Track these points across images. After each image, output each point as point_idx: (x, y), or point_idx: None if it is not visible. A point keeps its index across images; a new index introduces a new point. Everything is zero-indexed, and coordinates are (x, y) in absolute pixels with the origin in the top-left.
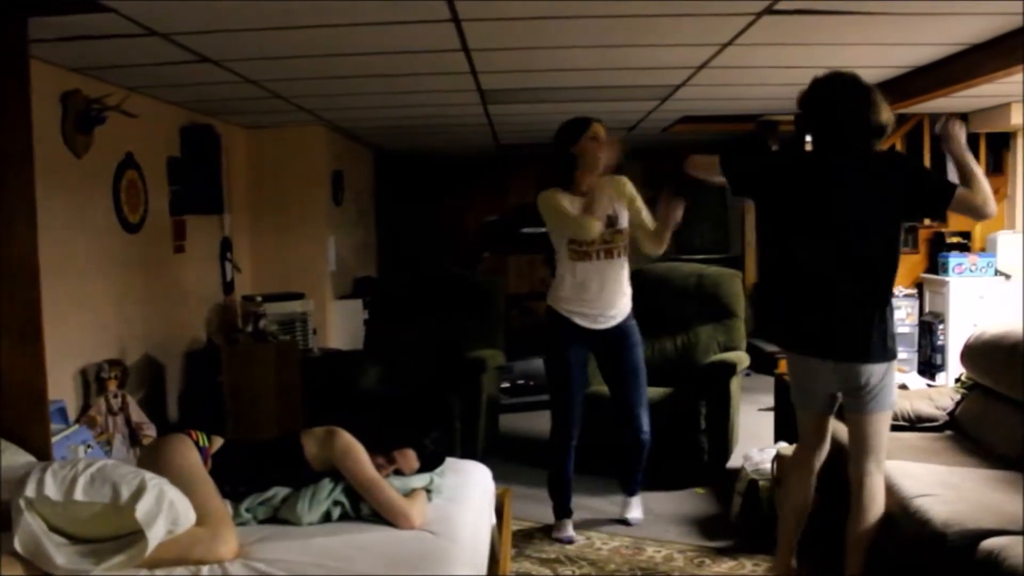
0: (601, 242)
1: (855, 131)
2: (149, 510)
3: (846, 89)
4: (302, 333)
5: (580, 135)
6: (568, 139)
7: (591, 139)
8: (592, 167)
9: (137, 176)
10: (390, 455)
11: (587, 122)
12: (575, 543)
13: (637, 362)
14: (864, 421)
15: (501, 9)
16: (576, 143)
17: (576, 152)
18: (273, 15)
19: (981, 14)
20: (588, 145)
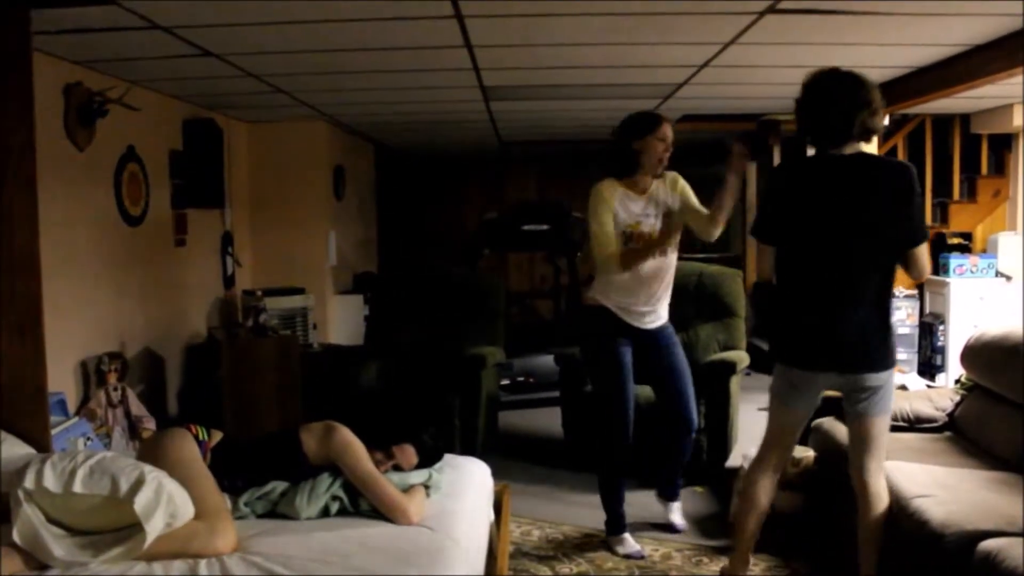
0: (659, 239)
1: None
2: (148, 503)
3: (828, 82)
4: (302, 328)
5: (647, 133)
6: (633, 133)
7: (658, 140)
8: (652, 168)
9: (139, 169)
10: (389, 451)
11: (657, 120)
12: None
13: (684, 360)
14: (868, 424)
15: (504, 6)
16: (641, 139)
17: (639, 148)
18: (276, 10)
19: (983, 15)
20: (653, 145)
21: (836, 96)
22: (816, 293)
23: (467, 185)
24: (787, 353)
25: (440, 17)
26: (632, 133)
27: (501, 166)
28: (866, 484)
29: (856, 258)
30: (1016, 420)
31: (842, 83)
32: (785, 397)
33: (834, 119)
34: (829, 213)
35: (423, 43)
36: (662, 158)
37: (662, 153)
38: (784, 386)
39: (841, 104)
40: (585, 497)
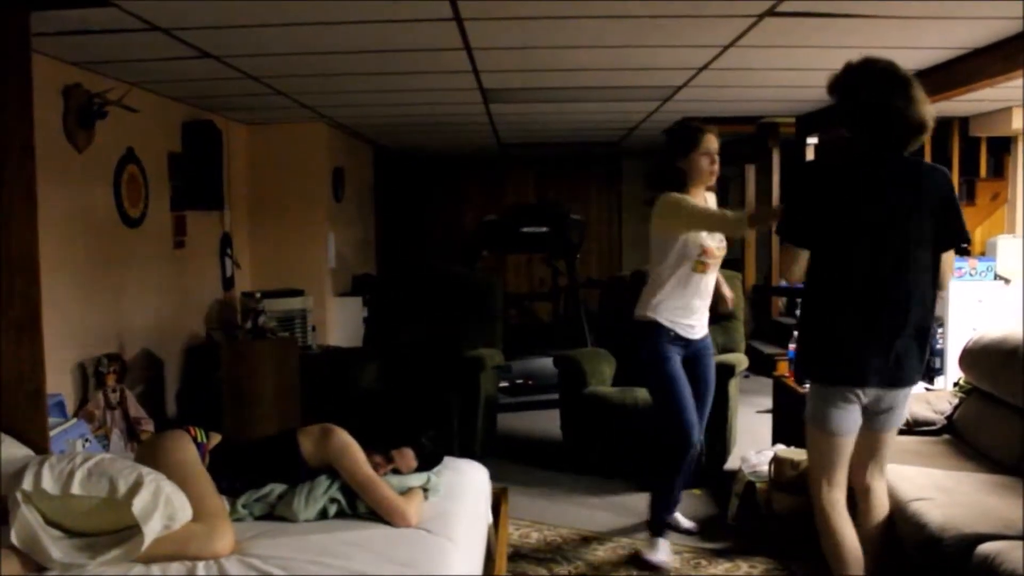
0: (715, 256)
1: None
2: (146, 505)
3: (886, 76)
4: (301, 330)
5: (691, 150)
6: (678, 152)
7: (703, 155)
8: (702, 182)
9: (138, 171)
10: (388, 454)
11: (698, 135)
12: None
13: (714, 373)
14: (883, 438)
15: (503, 8)
16: (685, 157)
17: (685, 167)
18: (275, 12)
19: (982, 18)
20: (699, 160)
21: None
22: (863, 303)
23: (466, 187)
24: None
25: (439, 19)
26: (675, 152)
27: (500, 168)
28: (869, 487)
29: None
30: (1015, 423)
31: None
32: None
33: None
34: (877, 217)
35: (422, 45)
36: (712, 171)
37: (709, 167)
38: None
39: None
40: (584, 499)
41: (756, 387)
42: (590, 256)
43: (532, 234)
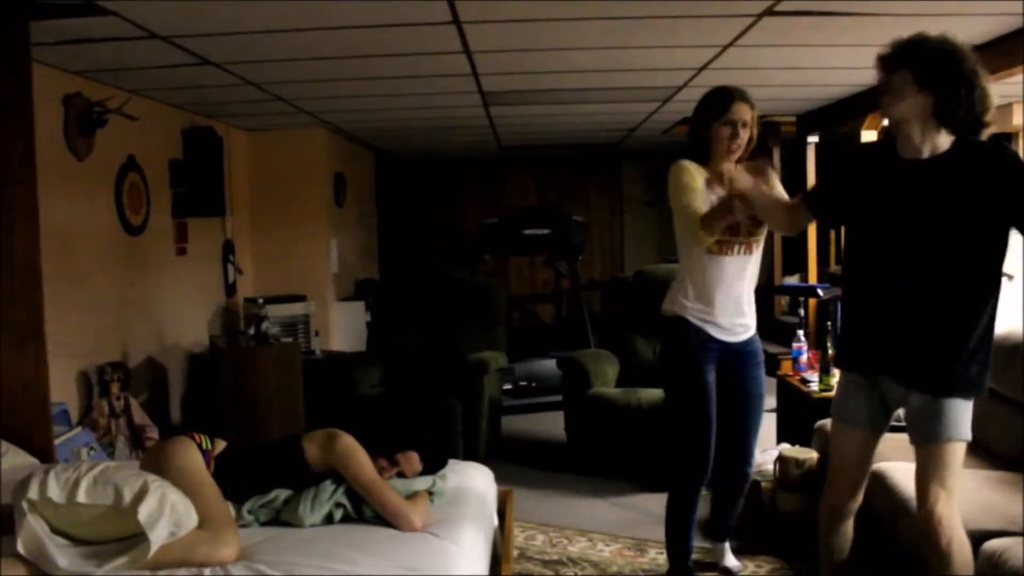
0: (745, 234)
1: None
2: (151, 512)
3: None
4: (304, 335)
5: (714, 119)
6: (701, 121)
7: (725, 124)
8: (725, 156)
9: (139, 178)
10: (393, 457)
11: (726, 103)
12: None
13: (763, 386)
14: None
15: (502, 11)
16: (708, 127)
17: (707, 136)
18: (274, 18)
19: (981, 15)
20: (720, 131)
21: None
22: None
23: (467, 190)
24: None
25: (438, 23)
26: (700, 121)
27: (501, 171)
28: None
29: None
30: (1018, 419)
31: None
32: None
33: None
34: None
35: (422, 49)
36: (734, 145)
37: (730, 140)
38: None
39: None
40: (589, 501)
41: None
42: (592, 257)
43: (534, 236)
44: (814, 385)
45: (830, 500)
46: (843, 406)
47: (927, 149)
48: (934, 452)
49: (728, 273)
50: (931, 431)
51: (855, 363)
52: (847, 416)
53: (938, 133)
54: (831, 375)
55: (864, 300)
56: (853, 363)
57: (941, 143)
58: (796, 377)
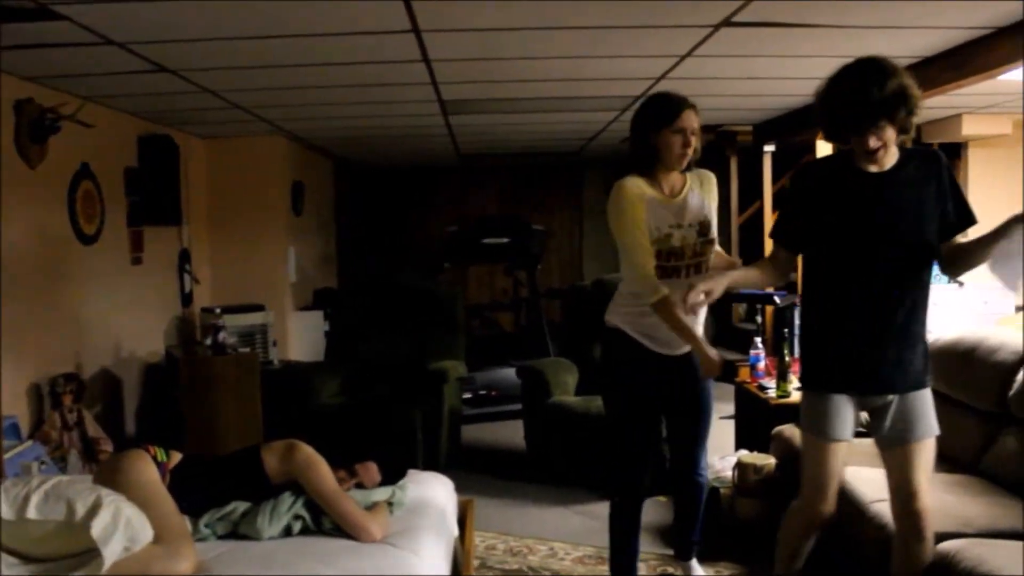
0: (692, 255)
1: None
2: (105, 527)
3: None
4: (262, 345)
5: (664, 126)
6: (648, 127)
7: (675, 133)
8: (673, 164)
9: (93, 187)
10: (352, 468)
11: (677, 110)
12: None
13: (711, 396)
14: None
15: (461, 20)
16: (657, 134)
17: (655, 144)
18: (231, 25)
19: (933, 28)
20: (670, 139)
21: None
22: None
23: (427, 199)
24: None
25: (397, 32)
26: (647, 127)
27: (461, 179)
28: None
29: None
30: (970, 423)
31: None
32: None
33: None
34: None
35: (381, 57)
36: (683, 153)
37: (681, 148)
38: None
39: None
40: (549, 509)
41: (718, 393)
42: (551, 266)
43: (493, 245)
44: (772, 392)
45: (813, 511)
46: (823, 422)
47: (888, 162)
48: (924, 448)
49: (676, 296)
50: (921, 429)
51: (831, 383)
52: (830, 431)
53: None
54: (788, 381)
55: (833, 316)
56: (829, 384)
57: (895, 153)
58: (754, 384)
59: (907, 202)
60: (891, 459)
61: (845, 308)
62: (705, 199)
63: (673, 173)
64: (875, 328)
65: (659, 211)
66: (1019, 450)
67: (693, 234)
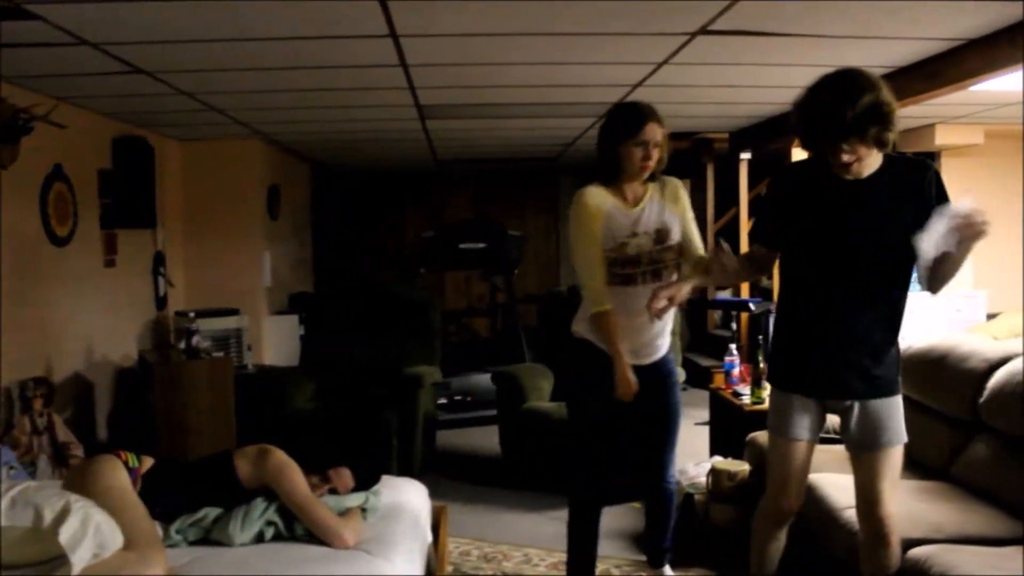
0: (648, 262)
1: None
2: (74, 534)
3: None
4: (236, 349)
5: (626, 138)
6: (613, 140)
7: (637, 145)
8: (634, 175)
9: (66, 188)
10: (325, 474)
11: (639, 123)
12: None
13: (678, 404)
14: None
15: (439, 25)
16: (620, 145)
17: (618, 155)
18: (208, 27)
19: (906, 39)
20: (632, 151)
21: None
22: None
23: (404, 204)
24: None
25: (375, 36)
26: (612, 140)
27: (438, 185)
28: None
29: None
30: (941, 430)
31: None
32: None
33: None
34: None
35: (358, 62)
36: (645, 166)
37: (643, 161)
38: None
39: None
40: (524, 515)
41: (693, 399)
42: (528, 272)
43: (470, 250)
44: (746, 398)
45: (772, 508)
46: (785, 421)
47: (865, 170)
48: (888, 456)
49: (634, 303)
50: (885, 437)
51: (797, 384)
52: (790, 430)
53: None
54: (763, 388)
55: (799, 318)
56: (795, 384)
57: (875, 161)
58: (728, 390)
59: (879, 210)
60: (857, 464)
61: (810, 311)
62: (667, 206)
63: (635, 183)
64: (837, 333)
65: (617, 220)
66: (989, 457)
67: (649, 241)
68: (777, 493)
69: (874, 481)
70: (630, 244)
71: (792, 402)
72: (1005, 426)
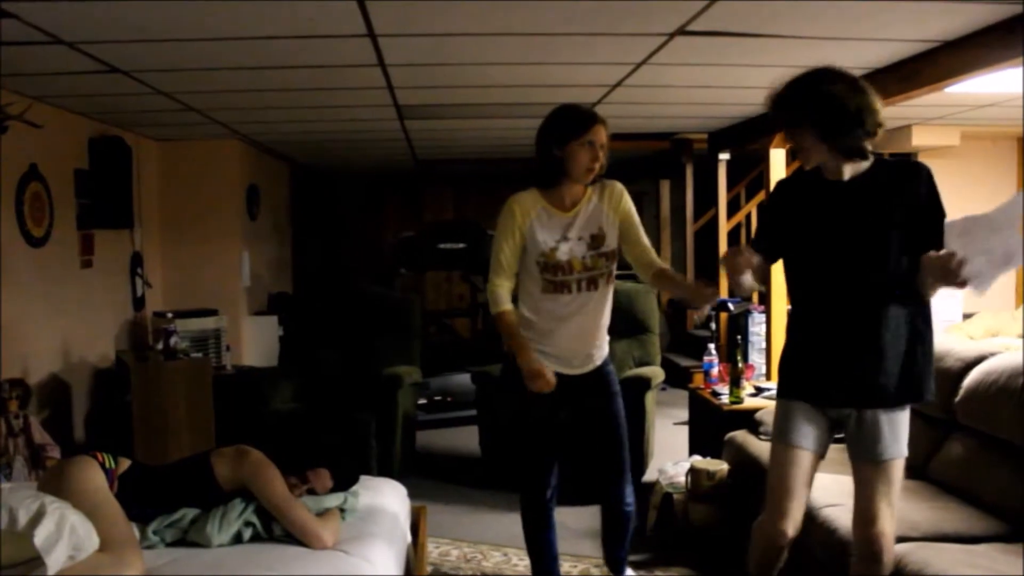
0: (582, 269)
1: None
2: (48, 536)
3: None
4: (215, 350)
5: (572, 138)
6: (554, 140)
7: (583, 146)
8: (579, 178)
9: (42, 188)
10: (303, 475)
11: (587, 123)
12: None
13: (620, 415)
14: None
15: (418, 25)
16: (564, 147)
17: (562, 156)
18: (185, 25)
19: (883, 40)
20: (579, 152)
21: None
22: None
23: (384, 204)
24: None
25: (353, 36)
26: (553, 140)
27: (418, 185)
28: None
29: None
30: (918, 429)
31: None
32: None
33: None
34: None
35: (337, 62)
36: (591, 167)
37: (590, 163)
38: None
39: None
40: (504, 515)
41: (672, 399)
42: None
43: (449, 250)
44: (725, 398)
45: (770, 528)
46: (791, 429)
47: (847, 172)
48: (885, 469)
49: (567, 310)
50: (880, 448)
51: (800, 391)
52: (797, 439)
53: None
54: (741, 388)
55: (799, 325)
56: (798, 391)
57: (862, 164)
58: (707, 390)
59: (865, 213)
60: (857, 475)
61: (808, 317)
62: (606, 211)
63: (576, 186)
64: (834, 339)
65: (548, 225)
66: (964, 455)
67: (582, 247)
68: (776, 510)
69: (871, 496)
70: (559, 249)
71: (795, 409)
72: (981, 425)
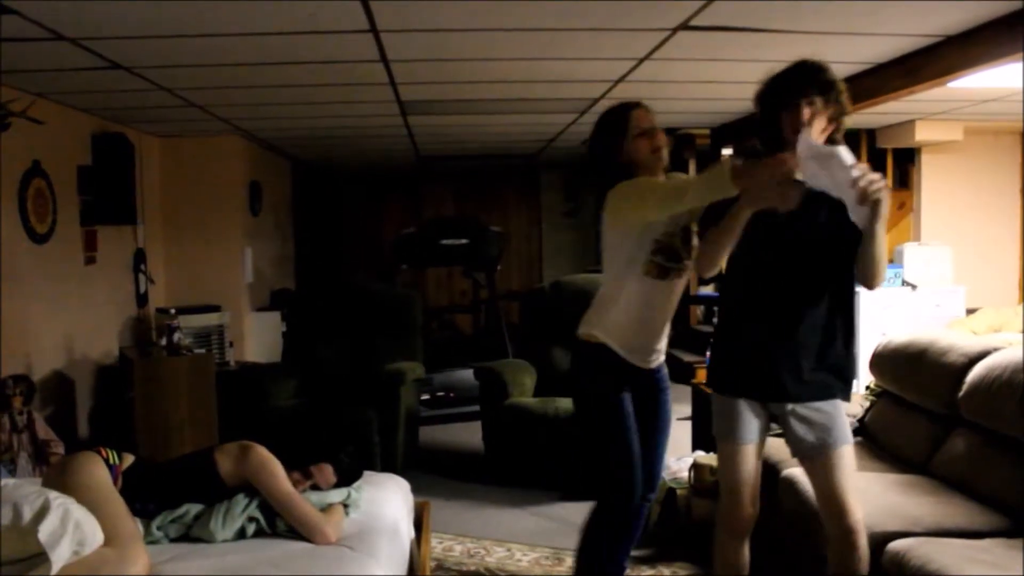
0: (686, 254)
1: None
2: (53, 531)
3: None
4: (218, 346)
5: (622, 136)
6: (611, 145)
7: (638, 136)
8: (651, 169)
9: (45, 185)
10: (307, 470)
11: (623, 115)
12: None
13: (671, 413)
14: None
15: (420, 20)
16: (621, 149)
17: (626, 159)
18: (187, 21)
19: (886, 35)
20: (637, 145)
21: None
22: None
23: (385, 200)
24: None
25: (356, 31)
26: (609, 146)
27: (419, 181)
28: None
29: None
30: (921, 424)
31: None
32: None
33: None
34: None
35: (339, 57)
36: (656, 153)
37: (650, 149)
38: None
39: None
40: (506, 511)
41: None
42: (510, 268)
43: (451, 247)
44: None
45: (730, 519)
46: (732, 426)
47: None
48: (838, 458)
49: (660, 299)
50: (838, 436)
51: (738, 388)
52: (741, 435)
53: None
54: None
55: (736, 320)
56: (737, 388)
57: None
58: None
59: (814, 211)
60: (812, 472)
61: (747, 313)
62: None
63: (655, 175)
64: (773, 335)
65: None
66: (968, 451)
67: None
68: (734, 502)
69: (833, 488)
70: (676, 236)
71: (737, 406)
72: (983, 420)
